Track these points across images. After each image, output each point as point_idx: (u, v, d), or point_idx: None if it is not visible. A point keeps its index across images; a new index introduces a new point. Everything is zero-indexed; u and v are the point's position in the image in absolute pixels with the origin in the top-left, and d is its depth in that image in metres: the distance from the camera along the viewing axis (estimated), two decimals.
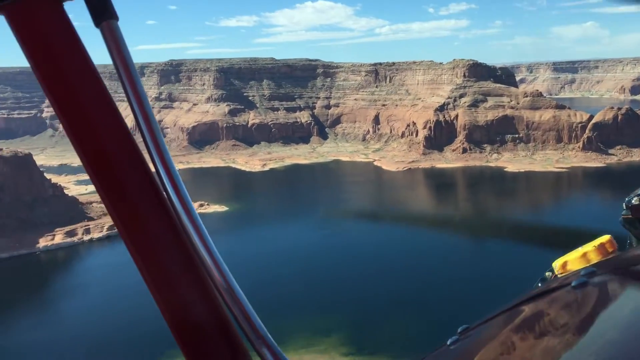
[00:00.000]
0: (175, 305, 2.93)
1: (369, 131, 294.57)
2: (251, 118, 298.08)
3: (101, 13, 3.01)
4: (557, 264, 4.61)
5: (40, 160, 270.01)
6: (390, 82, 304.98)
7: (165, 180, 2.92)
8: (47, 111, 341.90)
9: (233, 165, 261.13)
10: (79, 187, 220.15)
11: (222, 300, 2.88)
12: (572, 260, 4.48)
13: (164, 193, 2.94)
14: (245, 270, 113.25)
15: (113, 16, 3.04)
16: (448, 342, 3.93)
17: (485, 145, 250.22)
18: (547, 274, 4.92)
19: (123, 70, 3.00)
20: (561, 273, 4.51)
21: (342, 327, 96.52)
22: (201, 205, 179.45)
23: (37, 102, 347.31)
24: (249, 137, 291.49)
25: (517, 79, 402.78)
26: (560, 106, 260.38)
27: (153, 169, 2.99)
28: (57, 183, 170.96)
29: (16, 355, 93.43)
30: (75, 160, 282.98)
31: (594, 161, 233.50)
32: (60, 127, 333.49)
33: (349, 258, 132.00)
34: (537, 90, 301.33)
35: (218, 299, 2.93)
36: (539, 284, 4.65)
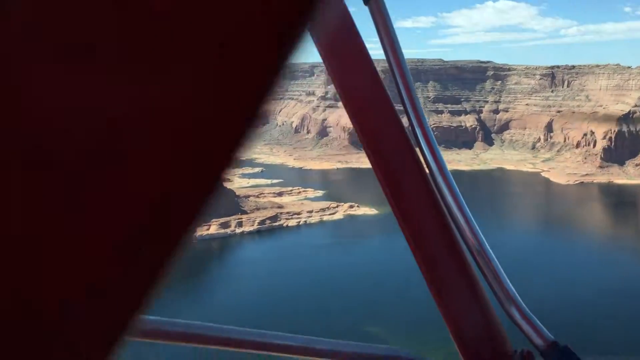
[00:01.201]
0: (437, 272, 3.00)
1: (539, 139, 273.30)
2: None
3: None
4: None
5: None
6: (568, 86, 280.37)
7: (430, 161, 3.02)
8: None
9: None
10: (241, 180, 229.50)
11: (474, 261, 2.94)
12: None
13: (430, 175, 3.02)
14: (388, 280, 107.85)
15: None
16: None
17: None
18: None
19: (389, 48, 3.01)
20: None
21: None
22: (351, 207, 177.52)
23: None
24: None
25: None
26: None
27: (417, 148, 3.07)
28: None
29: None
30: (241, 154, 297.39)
31: None
32: None
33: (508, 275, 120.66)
34: None
35: (470, 263, 2.99)
36: None
